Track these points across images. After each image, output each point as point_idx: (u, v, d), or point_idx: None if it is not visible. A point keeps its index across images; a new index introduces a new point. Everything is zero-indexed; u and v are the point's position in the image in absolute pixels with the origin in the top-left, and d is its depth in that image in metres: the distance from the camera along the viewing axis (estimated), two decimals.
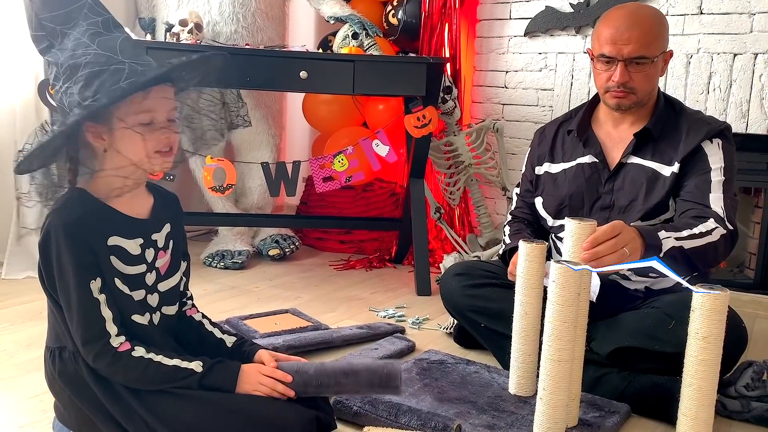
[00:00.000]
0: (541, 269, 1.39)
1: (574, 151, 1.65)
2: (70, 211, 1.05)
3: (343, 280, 2.43)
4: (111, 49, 1.03)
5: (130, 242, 1.10)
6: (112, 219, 1.10)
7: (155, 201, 1.18)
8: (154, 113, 1.06)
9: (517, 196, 1.80)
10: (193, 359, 1.10)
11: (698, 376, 1.16)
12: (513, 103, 2.84)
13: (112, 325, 1.06)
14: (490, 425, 1.29)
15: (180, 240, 1.22)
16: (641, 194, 1.54)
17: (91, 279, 1.05)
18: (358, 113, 2.85)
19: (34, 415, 1.30)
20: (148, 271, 1.13)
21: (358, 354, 1.63)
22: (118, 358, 1.05)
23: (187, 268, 1.24)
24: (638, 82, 1.52)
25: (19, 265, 2.24)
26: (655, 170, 1.55)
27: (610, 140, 1.62)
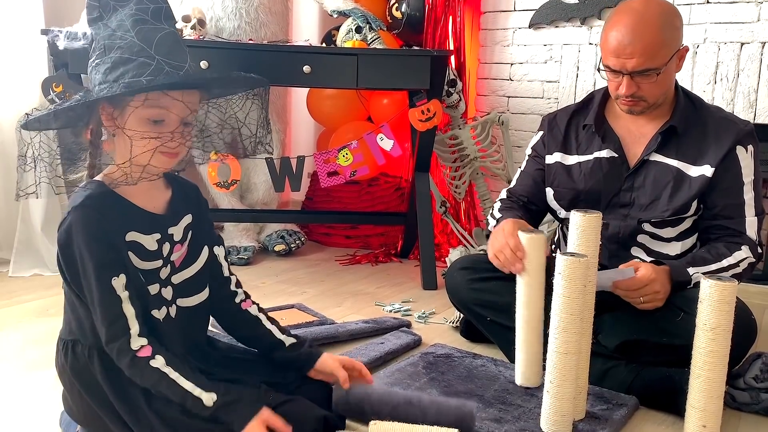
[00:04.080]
0: (542, 259, 1.39)
1: (590, 144, 1.61)
2: (90, 209, 1.04)
3: (349, 275, 2.43)
4: (147, 41, 1.02)
5: (147, 238, 1.10)
6: (130, 214, 1.09)
7: (173, 193, 1.17)
8: (168, 113, 1.04)
9: (518, 178, 1.75)
10: (209, 387, 1.05)
11: (707, 367, 1.16)
12: (518, 96, 2.82)
13: (135, 321, 1.04)
14: (497, 418, 1.29)
15: (201, 230, 1.20)
16: (665, 194, 1.51)
17: (113, 276, 1.03)
18: (362, 108, 2.84)
19: (41, 410, 1.30)
20: (163, 265, 1.13)
21: (365, 347, 1.63)
22: (136, 363, 1.03)
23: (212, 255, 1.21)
24: (647, 91, 1.47)
25: (26, 263, 2.25)
26: (680, 170, 1.51)
27: (630, 135, 1.58)
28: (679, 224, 1.53)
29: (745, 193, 1.48)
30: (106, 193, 1.08)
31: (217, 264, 1.23)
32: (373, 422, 1.18)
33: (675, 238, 1.53)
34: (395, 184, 2.89)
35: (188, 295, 1.18)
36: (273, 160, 2.26)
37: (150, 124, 1.04)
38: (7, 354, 1.59)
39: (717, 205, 1.49)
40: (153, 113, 1.03)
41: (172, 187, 1.18)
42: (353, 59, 2.20)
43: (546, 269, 1.63)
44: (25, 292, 2.05)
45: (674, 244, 1.53)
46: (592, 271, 1.27)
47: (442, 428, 1.17)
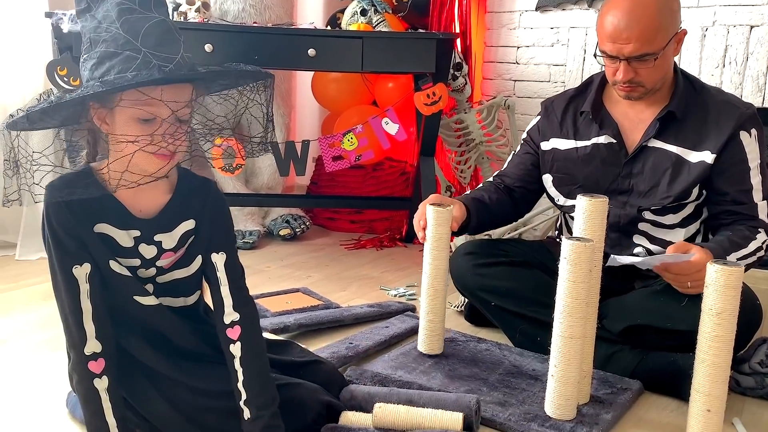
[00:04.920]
0: (446, 232, 1.45)
1: (587, 130, 1.59)
2: (60, 190, 1.00)
3: (354, 260, 2.43)
4: (134, 32, 0.94)
5: (121, 233, 1.05)
6: (105, 205, 1.04)
7: (173, 199, 1.09)
8: (157, 111, 0.96)
9: (509, 161, 1.74)
10: (125, 430, 1.01)
11: (712, 352, 1.15)
12: (524, 79, 2.80)
13: (90, 322, 1.01)
14: (501, 402, 1.29)
15: (204, 235, 1.11)
16: (664, 181, 1.49)
17: (74, 264, 1.01)
18: (367, 91, 2.83)
19: (48, 393, 1.31)
20: (143, 266, 1.08)
21: (369, 331, 1.63)
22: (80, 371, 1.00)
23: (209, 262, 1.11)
24: (645, 76, 1.45)
25: (33, 247, 2.26)
26: (679, 156, 1.49)
27: (628, 121, 1.55)
28: (680, 210, 1.51)
29: (752, 178, 1.47)
30: (84, 179, 1.02)
31: (213, 271, 1.12)
32: (377, 405, 1.18)
33: (678, 225, 1.52)
34: (400, 169, 2.88)
35: (172, 295, 1.13)
36: (278, 144, 2.26)
37: (139, 123, 0.97)
38: (14, 336, 1.61)
39: (725, 191, 1.47)
40: (141, 112, 0.96)
41: (177, 190, 1.10)
42: (358, 42, 2.18)
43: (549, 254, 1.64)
44: (31, 276, 2.06)
45: (677, 231, 1.52)
46: (598, 255, 1.26)
47: (446, 412, 1.18)
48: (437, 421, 1.16)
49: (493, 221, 1.69)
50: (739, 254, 1.40)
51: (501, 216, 1.69)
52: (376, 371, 1.39)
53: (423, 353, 1.50)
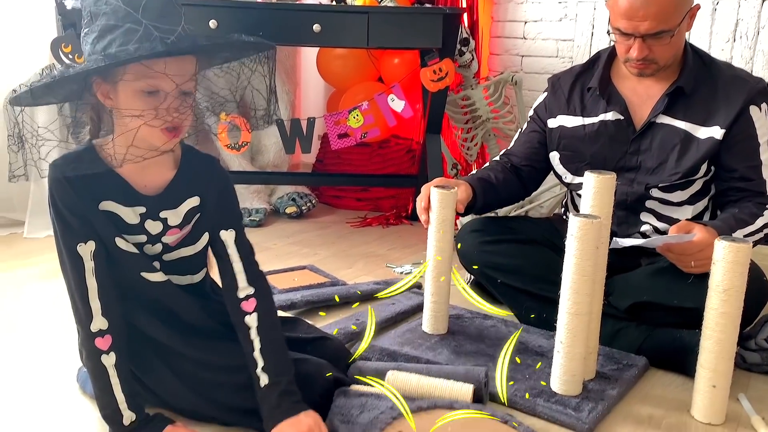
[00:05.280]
0: (450, 215, 1.45)
1: (595, 106, 1.57)
2: (63, 169, 1.01)
3: (360, 237, 2.43)
4: (134, 5, 0.93)
5: (127, 210, 1.06)
6: (110, 183, 1.04)
7: (178, 175, 1.09)
8: (161, 84, 0.96)
9: (516, 139, 1.72)
10: (134, 406, 1.03)
11: (718, 328, 1.16)
12: (532, 55, 2.77)
13: (96, 299, 1.02)
14: (508, 378, 1.30)
15: (210, 212, 1.12)
16: (672, 157, 1.48)
17: (78, 242, 1.01)
18: (372, 68, 2.81)
19: (59, 368, 1.33)
20: (149, 242, 1.09)
21: (376, 308, 1.64)
22: (89, 347, 1.02)
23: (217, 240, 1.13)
24: (659, 53, 1.43)
25: (40, 224, 2.27)
26: (687, 132, 1.47)
27: (636, 97, 1.53)
28: (688, 187, 1.50)
29: (762, 154, 1.45)
30: (87, 156, 1.03)
31: (223, 249, 1.13)
32: (390, 372, 1.21)
33: (686, 202, 1.51)
34: (406, 146, 2.87)
35: (179, 273, 1.14)
36: (283, 121, 2.25)
37: (143, 97, 0.97)
38: (23, 313, 1.62)
39: (734, 168, 1.46)
40: (144, 85, 0.96)
41: (181, 167, 1.10)
42: (364, 17, 2.16)
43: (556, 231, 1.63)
44: (40, 253, 2.08)
45: (685, 208, 1.51)
46: (605, 232, 1.26)
47: (457, 383, 1.19)
48: (447, 391, 1.18)
49: (500, 201, 1.68)
50: (745, 231, 1.39)
51: (508, 195, 1.68)
52: (383, 347, 1.40)
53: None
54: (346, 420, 1.10)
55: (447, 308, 1.52)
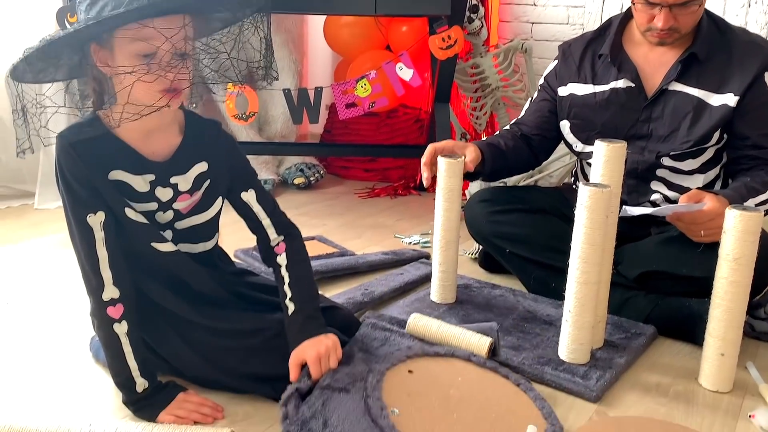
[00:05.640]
0: (457, 183, 1.45)
1: (606, 74, 1.55)
2: (70, 139, 1.01)
3: (368, 208, 2.43)
4: None
5: (137, 178, 1.06)
6: (117, 152, 1.04)
7: (184, 140, 1.10)
8: (155, 43, 0.95)
9: (527, 108, 1.70)
10: (147, 373, 1.05)
11: (728, 297, 1.15)
12: (542, 22, 2.72)
13: (107, 269, 1.03)
14: (516, 346, 1.31)
15: (221, 176, 1.14)
16: (684, 125, 1.46)
17: (88, 212, 1.02)
18: (380, 36, 2.77)
19: (71, 337, 1.35)
20: (160, 210, 1.10)
21: (385, 278, 1.65)
22: (101, 316, 1.03)
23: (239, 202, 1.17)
24: (683, 22, 1.40)
25: (51, 195, 2.29)
26: (700, 99, 1.45)
27: (648, 64, 1.51)
28: (700, 155, 1.48)
29: None
30: (93, 127, 1.03)
31: (248, 209, 1.18)
32: (413, 315, 1.27)
33: (697, 170, 1.50)
34: (414, 116, 2.85)
35: (192, 241, 1.15)
36: (290, 91, 2.23)
37: (140, 59, 0.96)
38: (35, 284, 1.64)
39: (747, 135, 1.44)
40: (140, 47, 0.95)
41: (186, 132, 1.11)
42: None
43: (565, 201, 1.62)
44: (50, 224, 2.09)
45: (696, 177, 1.50)
46: (615, 201, 1.25)
47: (475, 334, 1.22)
48: (465, 341, 1.22)
49: (509, 168, 1.67)
50: (757, 200, 1.38)
51: (517, 164, 1.67)
52: (393, 316, 1.41)
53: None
54: (365, 349, 1.18)
55: (455, 278, 1.52)
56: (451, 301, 1.52)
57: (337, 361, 1.10)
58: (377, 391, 1.04)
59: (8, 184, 2.36)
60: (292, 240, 1.21)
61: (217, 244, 1.23)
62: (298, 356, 1.08)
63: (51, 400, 1.12)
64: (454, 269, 1.51)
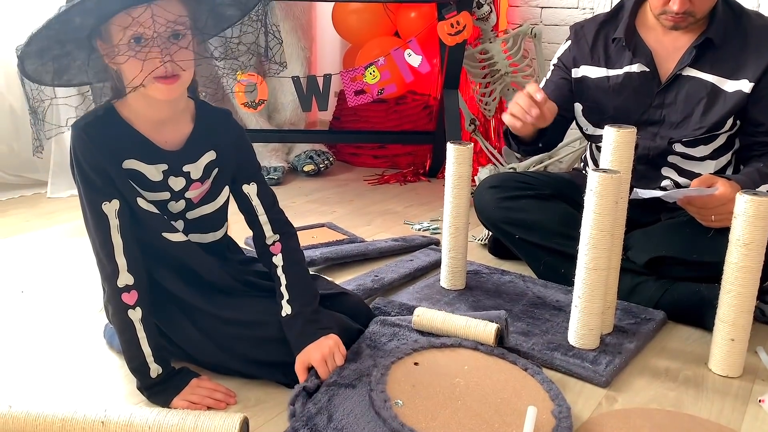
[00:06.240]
0: (469, 171, 1.45)
1: (619, 57, 1.52)
2: (82, 131, 1.03)
3: (378, 195, 2.44)
4: None
5: (150, 167, 1.07)
6: (131, 141, 1.06)
7: (195, 129, 1.12)
8: (139, 28, 0.95)
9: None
10: (161, 359, 1.06)
11: (738, 282, 1.15)
12: (552, 6, 2.70)
13: (122, 255, 1.04)
14: (525, 332, 1.31)
15: (228, 167, 1.15)
16: (698, 111, 1.44)
17: (103, 200, 1.03)
18: (389, 22, 2.76)
19: (86, 324, 1.37)
20: (173, 199, 1.11)
21: (394, 264, 1.65)
22: (115, 303, 1.04)
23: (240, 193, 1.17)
24: (699, 5, 1.38)
25: (63, 184, 2.31)
26: (714, 85, 1.43)
27: (662, 48, 1.48)
28: (712, 141, 1.47)
29: None
30: (108, 117, 1.05)
31: (248, 202, 1.18)
32: (418, 309, 1.27)
33: (709, 156, 1.48)
34: (423, 102, 2.84)
35: (202, 231, 1.17)
36: (299, 79, 2.23)
37: (133, 47, 0.96)
38: (49, 272, 1.66)
39: (761, 122, 1.42)
40: (127, 33, 0.95)
41: (197, 121, 1.12)
42: None
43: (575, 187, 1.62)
44: (63, 212, 2.11)
45: (708, 163, 1.49)
46: (624, 187, 1.25)
47: (481, 322, 1.22)
48: (473, 330, 1.22)
49: (547, 144, 1.60)
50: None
51: (549, 142, 1.59)
52: (402, 302, 1.42)
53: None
54: (373, 345, 1.19)
55: (465, 264, 1.53)
56: (461, 288, 1.52)
57: (342, 359, 1.11)
58: (381, 384, 1.05)
59: (21, 173, 2.38)
60: (288, 239, 1.20)
61: (226, 233, 1.24)
62: (303, 361, 1.09)
63: (66, 387, 1.14)
64: (464, 255, 1.51)
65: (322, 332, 1.12)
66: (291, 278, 1.16)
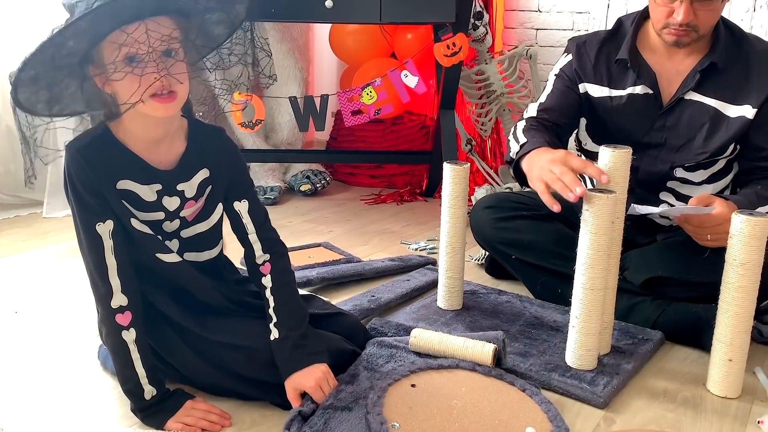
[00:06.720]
0: (465, 191, 1.45)
1: (622, 78, 1.50)
2: (77, 151, 1.02)
3: (375, 214, 2.44)
4: None
5: (144, 188, 1.07)
6: (125, 162, 1.05)
7: (188, 147, 1.11)
8: (131, 48, 0.95)
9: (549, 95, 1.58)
10: (155, 381, 1.06)
11: (735, 302, 1.15)
12: (547, 28, 2.73)
13: (116, 276, 1.04)
14: (523, 352, 1.31)
15: (221, 184, 1.15)
16: (700, 136, 1.43)
17: (97, 221, 1.03)
18: (385, 43, 2.78)
19: (80, 346, 1.36)
20: (167, 219, 1.11)
21: (391, 284, 1.65)
22: (109, 324, 1.04)
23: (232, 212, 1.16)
24: (703, 19, 1.36)
25: (59, 204, 2.30)
26: (717, 110, 1.42)
27: (665, 71, 1.47)
28: (711, 166, 1.46)
29: None
30: (102, 137, 1.05)
31: (239, 220, 1.17)
32: (415, 330, 1.26)
33: (706, 181, 1.48)
34: (420, 123, 2.85)
35: (197, 249, 1.16)
36: (297, 99, 2.24)
37: (127, 66, 0.96)
38: (44, 293, 1.65)
39: (762, 147, 1.41)
40: (119, 53, 0.95)
41: (190, 139, 1.12)
42: None
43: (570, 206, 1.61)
44: (58, 232, 2.11)
45: (704, 188, 1.48)
46: (620, 207, 1.25)
47: (478, 342, 1.21)
48: (470, 350, 1.21)
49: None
50: (767, 208, 1.36)
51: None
52: (399, 323, 1.41)
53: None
54: (371, 367, 1.18)
55: (461, 284, 1.52)
56: (458, 308, 1.52)
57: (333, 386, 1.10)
58: (378, 407, 1.04)
59: (17, 193, 2.38)
60: (278, 260, 1.18)
61: (222, 252, 1.23)
62: (294, 388, 1.08)
63: (60, 409, 1.13)
64: (461, 275, 1.51)
65: (311, 358, 1.10)
66: (279, 300, 1.14)
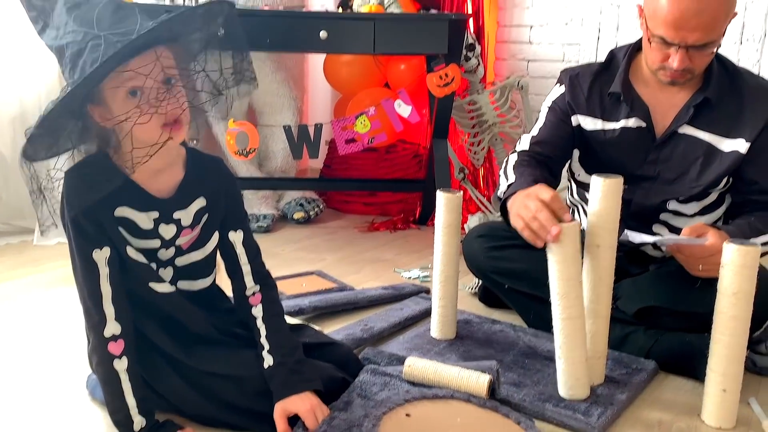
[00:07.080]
0: (458, 220, 1.46)
1: (615, 111, 1.50)
2: (76, 178, 1.02)
3: (368, 242, 2.44)
4: (87, 23, 0.94)
5: (141, 215, 1.07)
6: (125, 189, 1.06)
7: (186, 176, 1.12)
8: (136, 82, 0.96)
9: (541, 128, 1.56)
10: (145, 411, 1.05)
11: (728, 332, 1.15)
12: (538, 59, 2.77)
13: (110, 304, 1.03)
14: (516, 382, 1.30)
15: (217, 213, 1.15)
16: (694, 170, 1.43)
17: (93, 248, 1.03)
18: (379, 73, 2.82)
19: (68, 375, 1.34)
20: (163, 247, 1.11)
21: (384, 313, 1.64)
22: (101, 352, 1.03)
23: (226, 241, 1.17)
24: (698, 63, 1.36)
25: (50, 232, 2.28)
26: (710, 144, 1.42)
27: (659, 104, 1.47)
28: (704, 198, 1.47)
29: None
30: (101, 164, 1.05)
31: (232, 250, 1.18)
32: (409, 359, 1.25)
33: (698, 213, 1.48)
34: (413, 151, 2.87)
35: (191, 278, 1.16)
36: (291, 127, 2.26)
37: (131, 99, 0.98)
38: (34, 319, 1.63)
39: (755, 180, 1.42)
40: (125, 90, 0.97)
41: (188, 167, 1.13)
42: (370, 24, 2.17)
43: None
44: (49, 260, 2.09)
45: (697, 220, 1.48)
46: (612, 237, 1.25)
47: (473, 372, 1.19)
48: (465, 380, 1.20)
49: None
50: (760, 240, 1.36)
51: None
52: (392, 352, 1.40)
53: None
54: (364, 395, 1.17)
55: (455, 313, 1.52)
56: (451, 337, 1.51)
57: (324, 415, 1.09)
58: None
59: (8, 221, 2.37)
60: (268, 291, 1.19)
61: (215, 281, 1.23)
62: (284, 409, 1.07)
63: None
64: (454, 304, 1.51)
65: (305, 385, 1.10)
66: (271, 329, 1.15)
